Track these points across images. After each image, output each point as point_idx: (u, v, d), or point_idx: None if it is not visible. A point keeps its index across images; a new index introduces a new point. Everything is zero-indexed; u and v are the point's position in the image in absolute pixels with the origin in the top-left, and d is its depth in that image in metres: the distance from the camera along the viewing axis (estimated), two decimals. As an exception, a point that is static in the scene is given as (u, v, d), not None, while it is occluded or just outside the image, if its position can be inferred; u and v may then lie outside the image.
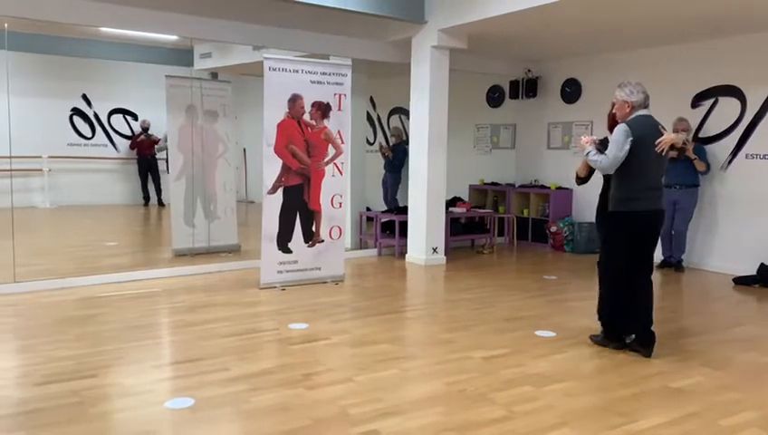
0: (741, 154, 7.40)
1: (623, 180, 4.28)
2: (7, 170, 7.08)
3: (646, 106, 4.33)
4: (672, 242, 7.63)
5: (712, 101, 7.63)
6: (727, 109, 7.49)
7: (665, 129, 4.36)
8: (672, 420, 3.34)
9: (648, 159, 4.23)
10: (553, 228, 9.03)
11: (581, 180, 4.80)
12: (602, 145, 4.43)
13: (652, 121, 4.31)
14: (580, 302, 6.08)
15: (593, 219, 8.74)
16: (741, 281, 6.85)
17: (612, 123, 4.52)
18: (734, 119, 7.42)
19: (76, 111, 11.01)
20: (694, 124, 7.70)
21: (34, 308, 5.37)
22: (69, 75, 10.65)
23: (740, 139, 7.39)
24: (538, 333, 4.89)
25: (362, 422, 3.22)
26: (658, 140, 4.20)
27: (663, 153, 4.24)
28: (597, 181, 4.76)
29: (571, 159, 9.22)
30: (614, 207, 4.34)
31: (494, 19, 6.61)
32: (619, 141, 4.16)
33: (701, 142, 7.61)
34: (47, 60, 9.84)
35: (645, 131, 4.20)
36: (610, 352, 4.44)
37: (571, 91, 9.25)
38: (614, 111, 4.46)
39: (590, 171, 4.70)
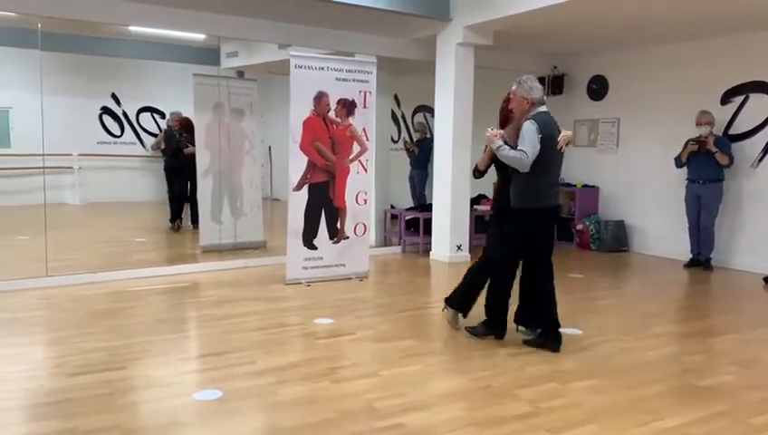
0: (772, 151, 7.27)
1: (530, 177, 4.24)
2: (40, 168, 7.23)
3: (543, 102, 4.33)
4: (700, 239, 7.51)
5: (742, 97, 7.49)
6: (758, 105, 7.35)
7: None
8: (700, 418, 3.31)
9: (553, 156, 4.30)
10: (579, 226, 8.96)
11: (481, 174, 4.72)
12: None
13: (552, 118, 4.35)
14: (607, 300, 6.04)
15: (618, 217, 8.73)
16: (772, 280, 6.73)
17: (506, 119, 4.54)
18: (766, 116, 7.28)
19: (106, 110, 11.18)
20: (723, 120, 7.58)
21: (66, 301, 5.49)
22: (99, 74, 10.81)
23: (771, 136, 7.26)
24: (563, 330, 4.83)
25: (388, 416, 3.24)
26: (559, 138, 4.25)
27: (561, 150, 4.31)
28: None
29: (598, 156, 9.15)
30: (520, 203, 4.33)
31: (520, 15, 6.56)
32: (534, 139, 4.15)
33: (730, 139, 7.48)
34: (78, 59, 9.99)
35: (550, 128, 4.25)
36: (638, 351, 4.40)
37: (598, 88, 9.16)
38: (510, 107, 4.45)
39: (490, 165, 4.63)
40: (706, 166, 7.31)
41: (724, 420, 3.29)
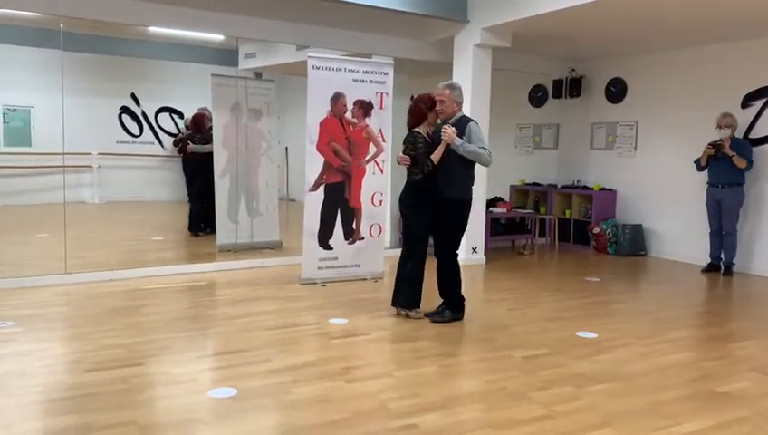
0: (794, 156, 7.17)
1: (468, 171, 4.89)
2: (60, 167, 7.33)
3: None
4: (721, 245, 7.42)
5: (763, 100, 7.40)
6: (780, 109, 7.27)
7: None
8: (718, 423, 3.27)
9: None
10: (596, 230, 8.89)
11: (436, 168, 4.88)
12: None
13: None
14: (624, 304, 5.99)
15: (636, 221, 8.66)
16: (792, 286, 6.64)
17: (422, 117, 4.98)
18: (788, 119, 7.21)
19: (125, 110, 11.28)
20: (744, 124, 7.49)
21: (85, 298, 5.55)
22: (118, 75, 10.91)
23: (793, 140, 7.17)
24: (579, 334, 4.83)
25: (402, 416, 3.24)
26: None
27: None
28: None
29: (615, 159, 9.08)
30: (462, 195, 4.90)
31: (538, 17, 6.54)
32: (483, 136, 4.86)
33: (750, 142, 7.39)
34: (98, 60, 10.10)
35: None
36: (655, 355, 4.36)
37: (616, 91, 9.10)
38: (438, 109, 4.92)
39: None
40: (725, 169, 7.23)
41: (743, 427, 3.25)
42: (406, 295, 5.11)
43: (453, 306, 5.08)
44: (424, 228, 5.04)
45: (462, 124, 4.85)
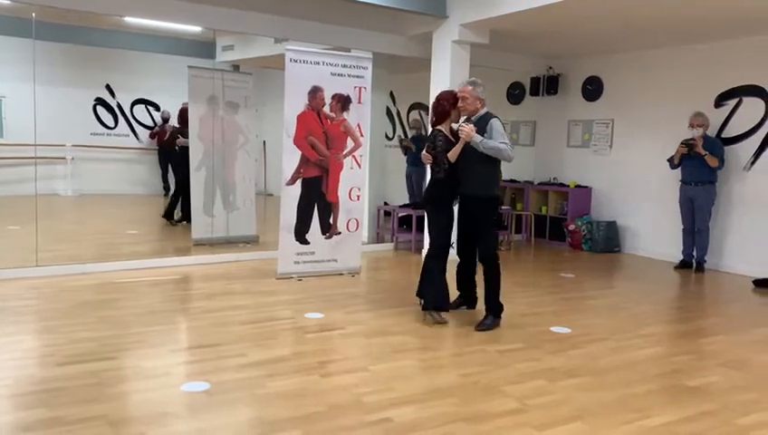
0: (765, 155, 7.28)
1: (495, 168, 4.91)
2: (32, 158, 7.19)
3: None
4: (693, 242, 7.54)
5: (736, 100, 7.53)
6: (751, 109, 7.38)
7: None
8: (687, 417, 3.33)
9: None
10: (572, 227, 8.98)
11: (453, 166, 4.86)
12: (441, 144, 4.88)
13: None
14: (597, 300, 6.06)
15: (611, 218, 8.76)
16: (761, 283, 6.76)
17: (446, 114, 4.91)
18: (759, 119, 7.32)
19: (100, 101, 11.11)
20: (717, 123, 7.61)
21: (56, 292, 5.46)
22: (93, 65, 10.74)
23: (764, 139, 7.28)
24: (553, 329, 4.88)
25: (376, 410, 3.24)
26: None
27: None
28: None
29: (591, 157, 9.17)
30: (490, 192, 4.88)
31: (517, 14, 6.56)
32: (505, 133, 4.80)
33: (723, 142, 7.51)
34: (72, 50, 9.94)
35: None
36: (627, 350, 4.42)
37: (593, 89, 9.18)
38: (461, 106, 4.89)
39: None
40: (698, 168, 7.35)
41: (710, 420, 3.31)
42: (429, 295, 4.97)
43: (495, 311, 4.88)
44: (448, 226, 4.99)
45: (485, 121, 4.78)
